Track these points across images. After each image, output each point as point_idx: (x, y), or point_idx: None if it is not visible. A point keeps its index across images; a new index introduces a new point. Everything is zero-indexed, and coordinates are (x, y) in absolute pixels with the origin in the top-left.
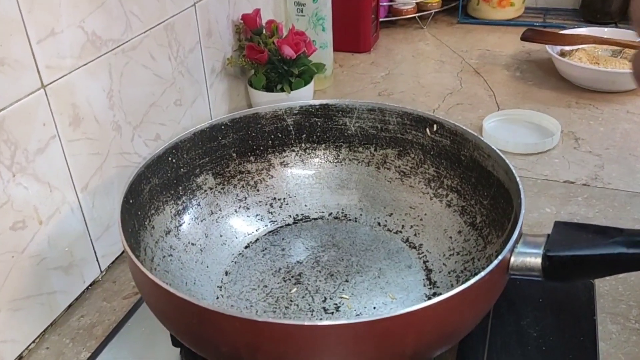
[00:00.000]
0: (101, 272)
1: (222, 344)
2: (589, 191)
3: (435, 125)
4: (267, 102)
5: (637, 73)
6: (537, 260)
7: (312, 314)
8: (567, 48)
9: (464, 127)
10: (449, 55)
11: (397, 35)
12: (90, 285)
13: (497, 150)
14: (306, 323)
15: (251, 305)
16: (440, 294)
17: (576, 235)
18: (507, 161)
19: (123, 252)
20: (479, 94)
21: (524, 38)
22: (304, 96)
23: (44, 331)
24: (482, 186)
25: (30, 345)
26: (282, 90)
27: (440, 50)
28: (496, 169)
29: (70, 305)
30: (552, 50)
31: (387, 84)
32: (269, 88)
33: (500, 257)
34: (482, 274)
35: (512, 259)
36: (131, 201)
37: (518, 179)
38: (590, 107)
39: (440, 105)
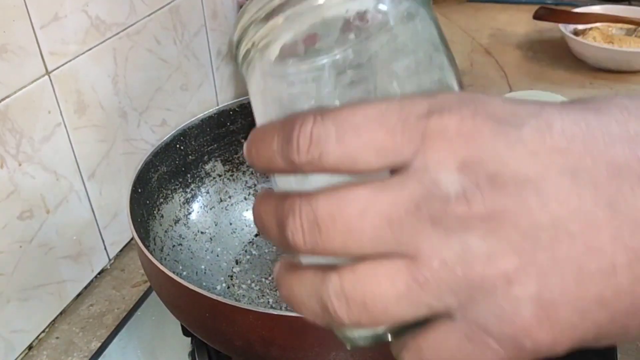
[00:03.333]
0: (109, 260)
1: (236, 337)
2: None
3: None
4: None
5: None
6: None
7: None
8: (580, 27)
9: None
10: (459, 35)
11: None
12: (99, 273)
13: None
14: None
15: (263, 295)
16: None
17: None
18: None
19: (131, 239)
20: (490, 75)
21: (536, 17)
22: None
23: (53, 320)
24: None
25: (40, 334)
26: None
27: (450, 30)
28: None
29: (79, 294)
30: (565, 29)
31: None
32: None
33: None
34: None
35: None
36: (140, 190)
37: None
38: (605, 87)
39: None
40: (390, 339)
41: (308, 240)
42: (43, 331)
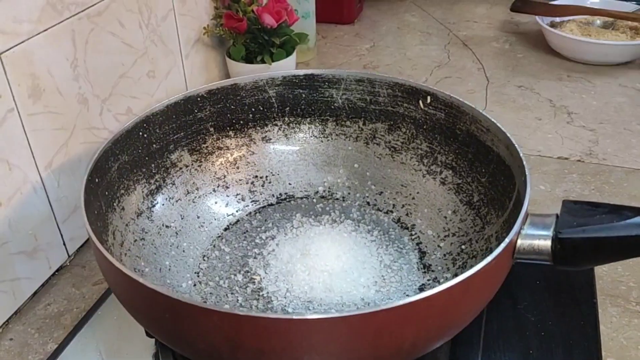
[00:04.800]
0: (69, 256)
1: (199, 340)
2: (583, 167)
3: (429, 97)
4: (247, 74)
5: None
6: (546, 243)
7: (299, 300)
8: (557, 19)
9: (461, 99)
10: (436, 27)
11: (381, 7)
12: (57, 270)
13: (498, 124)
14: (295, 317)
15: (232, 293)
16: (436, 277)
17: (588, 215)
18: (508, 135)
19: None
20: (467, 67)
21: (513, 9)
22: (286, 68)
23: (7, 321)
24: (479, 162)
25: None
26: (263, 61)
27: (427, 22)
28: (496, 144)
29: (35, 293)
30: (542, 21)
31: (373, 56)
32: (248, 59)
33: (507, 240)
34: (488, 259)
35: (519, 242)
36: (97, 180)
37: (521, 154)
38: (582, 80)
39: (427, 78)
40: None
41: None
42: None
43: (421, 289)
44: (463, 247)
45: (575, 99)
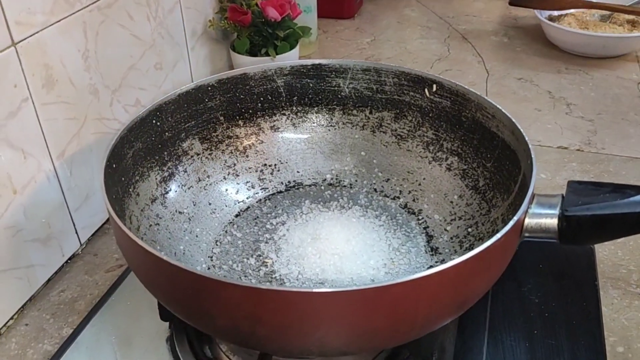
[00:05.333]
0: (81, 244)
1: (220, 315)
2: (582, 156)
3: (434, 86)
4: None
5: None
6: (553, 221)
7: (311, 282)
8: (555, 13)
9: (466, 87)
10: (435, 22)
11: (381, 1)
12: (70, 258)
13: (503, 110)
14: (314, 290)
15: (245, 276)
16: (443, 260)
17: (592, 194)
18: (514, 120)
19: (104, 224)
20: (467, 60)
21: (512, 3)
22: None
23: (22, 307)
24: (485, 148)
25: (8, 321)
26: (267, 54)
27: (426, 17)
28: (501, 130)
29: (49, 280)
30: (541, 15)
31: (374, 50)
32: (252, 52)
33: (515, 218)
34: (498, 235)
35: (527, 221)
36: (114, 166)
37: (527, 138)
38: (580, 72)
39: (428, 71)
40: None
41: None
42: (11, 318)
43: None
44: (469, 230)
45: (573, 90)
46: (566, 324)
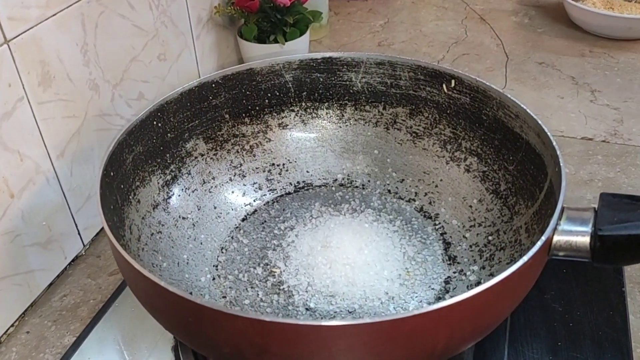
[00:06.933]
0: (84, 246)
1: (224, 344)
2: (608, 148)
3: (453, 81)
4: (260, 54)
5: None
6: (584, 240)
7: (320, 295)
8: None
9: (487, 83)
10: (452, 1)
11: None
12: (73, 261)
13: (529, 110)
14: (323, 323)
15: (252, 287)
16: (462, 270)
17: (628, 209)
18: (540, 122)
19: None
20: (485, 43)
21: None
22: (299, 48)
23: (23, 313)
24: (507, 149)
25: (8, 329)
26: (276, 41)
27: None
28: (525, 131)
29: (50, 284)
30: None
31: (387, 33)
32: (260, 39)
33: (543, 238)
34: (525, 258)
35: (555, 238)
36: (112, 174)
37: (555, 143)
38: (605, 55)
39: (444, 56)
40: None
41: None
42: (12, 325)
43: (447, 281)
44: (490, 238)
45: (598, 75)
46: (591, 334)
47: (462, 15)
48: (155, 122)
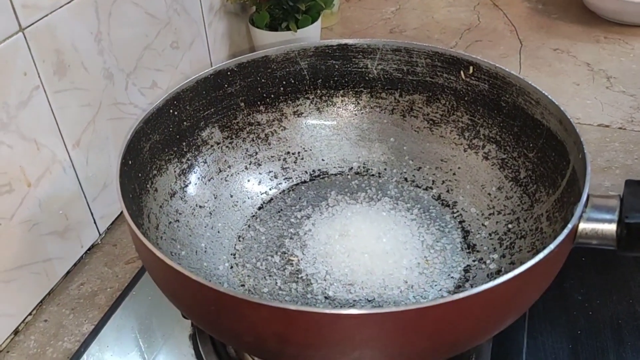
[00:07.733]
0: (100, 234)
1: (246, 333)
2: (625, 135)
3: (471, 68)
4: (272, 42)
5: None
6: (610, 228)
7: (339, 283)
8: None
9: (506, 70)
10: None
11: None
12: (89, 249)
13: (549, 96)
14: (345, 312)
15: (270, 275)
16: (481, 258)
17: None
18: (562, 109)
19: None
20: (499, 29)
21: None
22: (311, 35)
23: (41, 302)
24: (527, 137)
25: (26, 317)
26: (288, 28)
27: None
28: (546, 118)
29: (68, 273)
30: None
31: (399, 19)
32: (272, 27)
33: (569, 226)
34: (551, 246)
35: (581, 226)
36: (130, 162)
37: (577, 130)
38: (620, 42)
39: (457, 42)
40: None
41: None
42: (30, 314)
43: (466, 270)
44: (510, 226)
45: (613, 62)
46: (611, 323)
47: (475, 1)
48: (171, 111)
